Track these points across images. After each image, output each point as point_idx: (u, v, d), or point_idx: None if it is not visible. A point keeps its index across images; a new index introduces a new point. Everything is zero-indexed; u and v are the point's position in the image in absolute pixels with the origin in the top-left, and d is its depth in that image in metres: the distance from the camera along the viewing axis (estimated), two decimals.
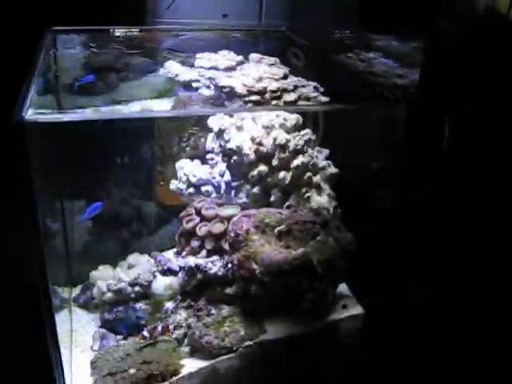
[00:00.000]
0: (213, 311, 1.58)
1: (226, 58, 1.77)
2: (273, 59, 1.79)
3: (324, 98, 1.55)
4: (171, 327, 1.58)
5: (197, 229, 1.56)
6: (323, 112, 1.68)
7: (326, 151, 1.61)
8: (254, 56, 1.81)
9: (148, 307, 1.68)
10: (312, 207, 1.54)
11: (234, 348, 1.52)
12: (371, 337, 1.59)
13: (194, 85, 1.67)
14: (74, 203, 1.86)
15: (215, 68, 1.74)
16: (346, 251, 1.52)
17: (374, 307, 1.59)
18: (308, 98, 1.50)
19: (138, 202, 1.96)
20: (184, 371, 1.54)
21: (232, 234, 1.47)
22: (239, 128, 1.53)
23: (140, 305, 1.69)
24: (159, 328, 1.57)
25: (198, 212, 1.58)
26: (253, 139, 1.51)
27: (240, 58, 1.81)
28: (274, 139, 1.51)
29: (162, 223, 1.93)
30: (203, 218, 1.57)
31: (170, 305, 1.68)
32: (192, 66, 1.81)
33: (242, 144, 1.51)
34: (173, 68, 1.76)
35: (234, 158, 1.53)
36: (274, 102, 1.48)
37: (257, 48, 2.06)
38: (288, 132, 1.54)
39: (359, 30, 2.31)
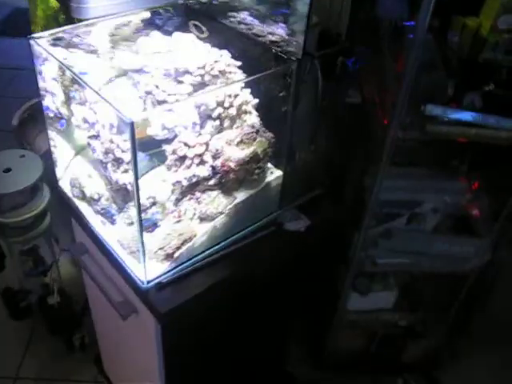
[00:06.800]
0: (205, 197, 2.73)
1: (159, 41, 2.69)
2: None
3: (238, 62, 2.66)
4: (182, 212, 2.68)
5: (187, 153, 2.62)
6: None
7: (249, 89, 2.73)
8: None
9: (160, 209, 2.73)
10: (249, 124, 2.71)
11: (223, 212, 2.72)
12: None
13: (146, 69, 2.59)
14: None
15: (158, 52, 2.67)
16: (271, 143, 2.76)
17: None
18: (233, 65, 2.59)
19: None
20: (199, 232, 2.71)
21: (213, 150, 2.58)
22: None
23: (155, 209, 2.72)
24: (176, 213, 2.66)
25: (185, 144, 2.62)
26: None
27: (168, 37, 2.75)
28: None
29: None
30: (189, 147, 2.62)
31: (172, 207, 2.74)
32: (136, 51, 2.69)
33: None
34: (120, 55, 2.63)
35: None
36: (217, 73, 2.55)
37: (161, 25, 2.90)
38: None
39: None
